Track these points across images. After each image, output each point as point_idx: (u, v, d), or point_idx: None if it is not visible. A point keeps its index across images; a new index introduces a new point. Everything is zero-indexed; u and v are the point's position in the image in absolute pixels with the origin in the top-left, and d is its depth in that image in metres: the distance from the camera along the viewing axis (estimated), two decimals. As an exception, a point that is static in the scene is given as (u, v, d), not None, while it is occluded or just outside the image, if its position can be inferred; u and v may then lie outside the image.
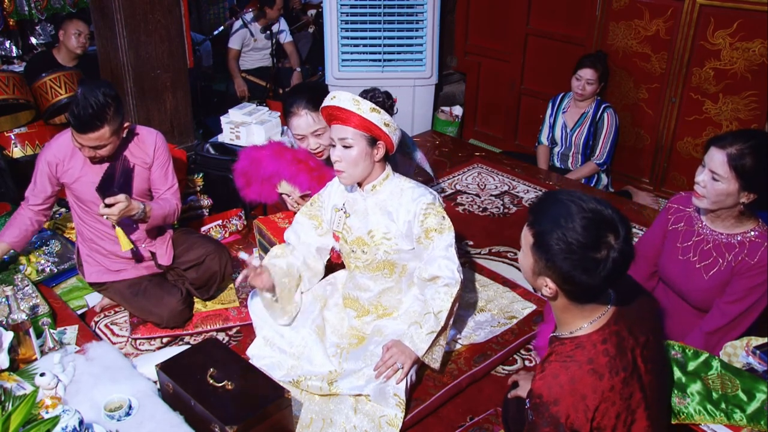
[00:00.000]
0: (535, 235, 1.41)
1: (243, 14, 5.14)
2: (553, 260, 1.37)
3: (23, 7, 4.34)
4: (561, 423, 1.36)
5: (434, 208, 2.23)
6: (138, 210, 2.46)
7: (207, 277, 2.68)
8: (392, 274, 2.34)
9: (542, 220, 1.40)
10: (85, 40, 4.04)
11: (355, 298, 2.43)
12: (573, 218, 1.35)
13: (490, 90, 4.97)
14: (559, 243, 1.35)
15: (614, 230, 1.35)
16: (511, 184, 3.90)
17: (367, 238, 2.29)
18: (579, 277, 1.36)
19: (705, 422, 1.74)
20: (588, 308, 1.46)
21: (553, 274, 1.40)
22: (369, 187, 2.28)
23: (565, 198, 1.40)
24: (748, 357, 1.90)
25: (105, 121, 2.34)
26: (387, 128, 2.15)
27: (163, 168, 2.62)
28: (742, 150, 1.90)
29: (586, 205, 1.37)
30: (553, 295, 1.45)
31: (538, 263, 1.42)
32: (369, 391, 2.12)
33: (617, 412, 1.39)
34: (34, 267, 2.81)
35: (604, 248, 1.34)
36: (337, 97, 2.14)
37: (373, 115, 2.12)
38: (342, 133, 2.15)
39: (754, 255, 1.98)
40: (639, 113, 4.04)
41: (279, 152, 2.74)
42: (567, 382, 1.37)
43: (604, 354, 1.40)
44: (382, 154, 2.21)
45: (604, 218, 1.36)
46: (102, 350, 2.25)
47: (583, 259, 1.34)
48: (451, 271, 2.20)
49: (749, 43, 3.46)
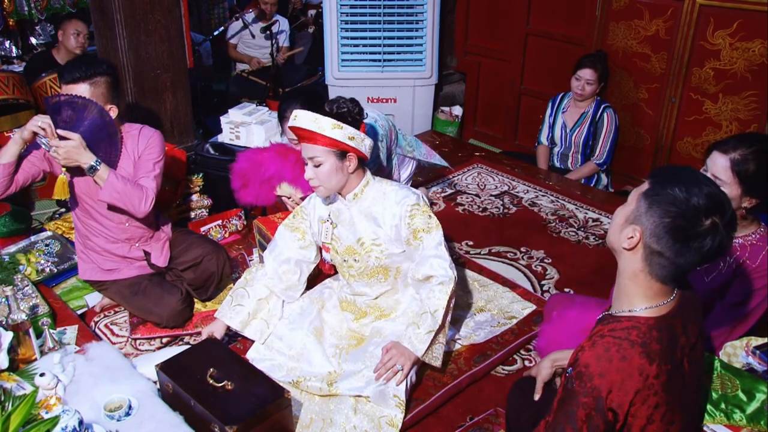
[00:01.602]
0: (654, 182, 1.39)
1: (243, 15, 5.14)
2: (658, 205, 1.35)
3: (23, 7, 4.35)
4: (602, 397, 1.35)
5: (419, 209, 2.23)
6: (89, 162, 2.32)
7: (205, 278, 2.68)
8: (387, 278, 2.34)
9: (669, 175, 1.39)
10: (84, 40, 4.04)
11: (352, 302, 2.44)
12: (700, 185, 1.35)
13: (490, 90, 4.97)
14: (676, 191, 1.34)
15: (724, 214, 1.34)
16: (511, 184, 3.90)
17: (357, 246, 2.29)
18: (671, 232, 1.34)
19: (705, 422, 1.74)
20: (654, 287, 1.43)
21: (648, 221, 1.37)
22: (351, 196, 2.27)
23: (697, 172, 1.41)
24: (748, 357, 1.90)
25: (87, 79, 2.33)
26: (353, 141, 2.12)
27: (151, 161, 2.53)
28: (745, 155, 1.89)
29: (712, 185, 1.37)
30: (632, 247, 1.41)
31: (638, 209, 1.40)
32: (369, 393, 2.11)
33: (657, 402, 1.38)
34: (34, 267, 2.81)
35: (711, 221, 1.33)
36: (297, 117, 2.11)
37: (335, 132, 2.09)
38: (311, 152, 2.14)
39: (755, 258, 1.98)
40: (639, 113, 4.04)
41: (282, 153, 2.74)
42: (617, 358, 1.36)
43: (658, 341, 1.38)
44: (354, 165, 2.19)
45: (723, 201, 1.36)
46: (102, 350, 2.25)
47: (689, 215, 1.33)
48: (444, 268, 2.20)
49: (749, 43, 3.46)
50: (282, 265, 2.41)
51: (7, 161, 2.38)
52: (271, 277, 2.41)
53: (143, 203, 2.43)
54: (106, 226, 2.58)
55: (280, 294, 2.43)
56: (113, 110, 2.44)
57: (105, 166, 2.36)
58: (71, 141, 2.29)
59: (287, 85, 5.12)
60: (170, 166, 3.20)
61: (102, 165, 2.35)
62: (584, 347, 1.41)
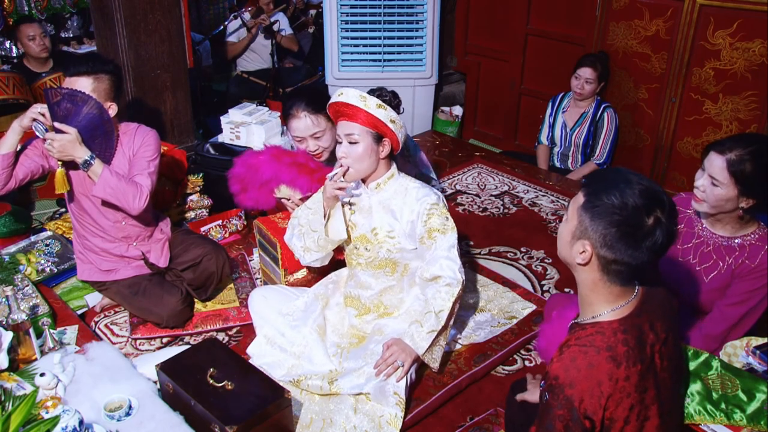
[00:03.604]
0: (588, 194, 1.42)
1: (242, 14, 5.14)
2: (600, 216, 1.38)
3: (23, 7, 4.34)
4: (575, 407, 1.36)
5: (438, 209, 2.24)
6: (83, 157, 2.32)
7: (204, 278, 2.67)
8: (394, 272, 2.34)
9: (600, 182, 1.42)
10: (42, 41, 3.92)
11: (356, 297, 2.43)
12: (632, 185, 1.37)
13: (490, 90, 4.97)
14: (611, 199, 1.37)
15: (663, 206, 1.37)
16: (511, 184, 3.90)
17: (371, 235, 2.30)
18: (621, 239, 1.37)
19: (705, 422, 1.74)
20: (615, 291, 1.45)
21: (595, 234, 1.40)
22: (373, 185, 2.29)
23: (624, 171, 1.44)
24: (748, 357, 1.90)
25: (93, 73, 2.36)
26: (393, 125, 2.17)
27: (146, 159, 2.52)
28: (741, 156, 1.88)
29: (643, 179, 1.40)
30: (587, 261, 1.43)
31: (581, 224, 1.42)
32: (369, 390, 2.12)
33: (631, 404, 1.39)
34: (34, 267, 2.81)
35: (653, 217, 1.36)
36: (344, 93, 2.16)
37: (379, 111, 2.14)
38: (348, 129, 2.17)
39: (754, 258, 1.98)
40: (639, 113, 4.04)
41: (277, 156, 2.73)
42: (584, 366, 1.37)
43: (624, 343, 1.39)
44: (387, 151, 2.22)
45: (658, 193, 1.39)
46: (102, 350, 2.25)
47: (632, 219, 1.35)
48: (453, 271, 2.20)
49: (749, 43, 3.46)
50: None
51: (6, 151, 2.38)
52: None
53: (137, 200, 2.42)
54: (103, 224, 2.58)
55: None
56: (113, 108, 2.45)
57: (99, 162, 2.37)
58: (67, 135, 2.29)
59: (287, 86, 5.12)
60: (170, 166, 3.20)
61: (96, 160, 2.36)
62: (553, 359, 1.43)
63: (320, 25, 5.63)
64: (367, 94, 2.16)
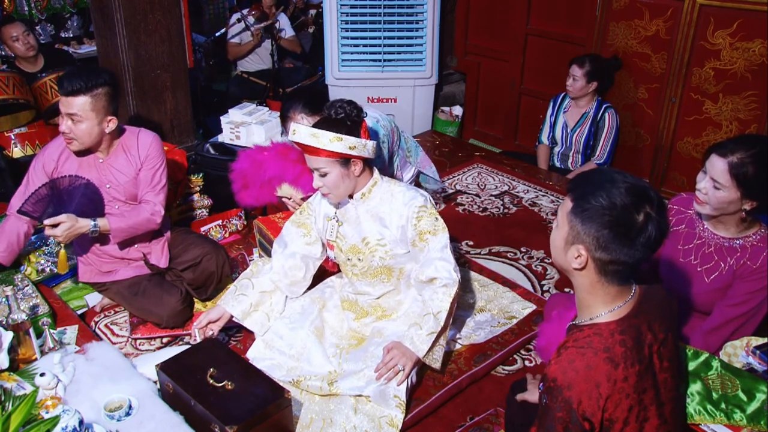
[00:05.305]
0: (576, 198, 1.42)
1: (246, 17, 5.12)
2: (591, 220, 1.38)
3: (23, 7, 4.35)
4: (573, 408, 1.36)
5: (426, 211, 2.23)
6: (88, 227, 2.40)
7: (204, 278, 2.68)
8: (390, 278, 2.34)
9: (585, 185, 1.42)
10: (26, 39, 3.88)
11: (354, 301, 2.44)
12: (617, 184, 1.38)
13: (490, 90, 4.97)
14: (599, 200, 1.37)
15: (651, 202, 1.38)
16: (511, 184, 3.90)
17: (362, 245, 2.29)
18: (615, 239, 1.37)
19: (705, 422, 1.74)
20: (612, 291, 1.45)
21: (588, 237, 1.40)
22: (358, 196, 2.27)
23: (607, 170, 1.45)
24: (748, 357, 1.90)
25: (89, 91, 2.34)
26: (354, 150, 2.11)
27: (152, 170, 2.56)
28: (743, 159, 1.87)
29: (628, 177, 1.41)
30: (583, 266, 1.43)
31: (572, 229, 1.42)
32: (369, 393, 2.12)
33: (630, 405, 1.38)
34: (34, 267, 2.81)
35: (643, 213, 1.36)
36: (296, 132, 2.11)
37: (335, 145, 2.08)
38: (314, 164, 2.15)
39: (756, 259, 1.97)
40: (639, 113, 4.04)
41: (283, 153, 2.73)
42: (582, 368, 1.37)
43: (621, 344, 1.39)
44: (360, 168, 2.19)
45: (644, 188, 1.39)
46: (102, 350, 2.25)
47: (623, 218, 1.36)
48: (448, 271, 2.20)
49: (749, 43, 3.46)
50: (288, 259, 2.41)
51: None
52: (276, 271, 2.41)
53: (153, 223, 2.56)
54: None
55: (285, 289, 2.44)
56: (113, 122, 2.45)
57: (103, 221, 2.44)
58: (63, 223, 2.35)
59: (287, 86, 5.12)
60: (170, 166, 3.19)
61: (100, 221, 2.44)
62: (551, 361, 1.43)
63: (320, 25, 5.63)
64: (317, 129, 2.08)
